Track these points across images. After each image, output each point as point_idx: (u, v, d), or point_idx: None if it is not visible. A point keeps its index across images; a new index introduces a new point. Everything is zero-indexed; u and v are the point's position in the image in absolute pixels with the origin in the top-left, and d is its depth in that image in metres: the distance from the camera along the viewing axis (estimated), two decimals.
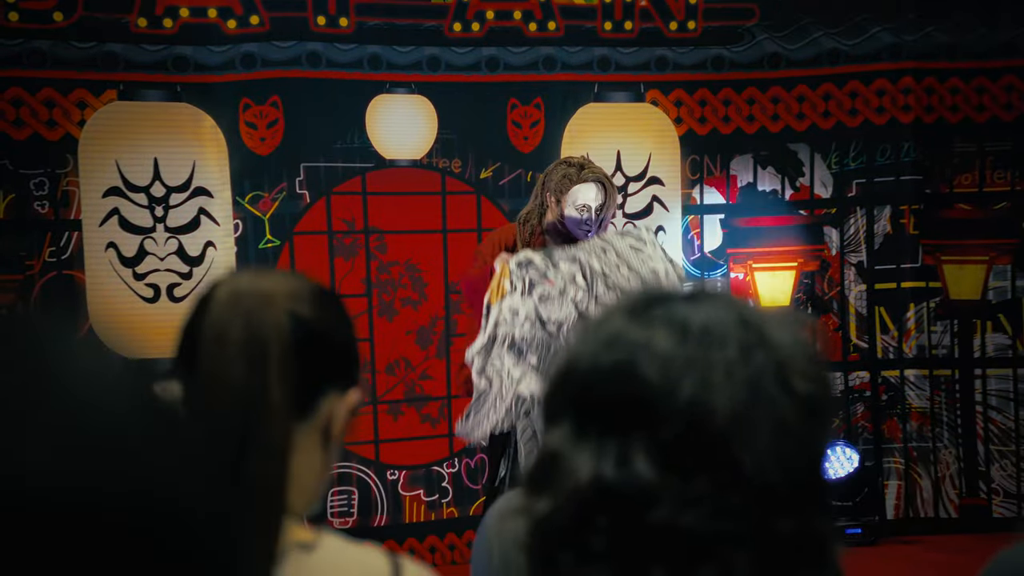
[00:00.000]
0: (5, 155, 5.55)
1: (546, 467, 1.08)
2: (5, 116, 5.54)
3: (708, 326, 1.07)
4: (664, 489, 1.02)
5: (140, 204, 5.70)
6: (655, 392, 1.04)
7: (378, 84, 5.97)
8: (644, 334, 1.07)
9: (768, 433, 1.04)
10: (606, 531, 1.03)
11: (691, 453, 1.03)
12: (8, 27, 5.52)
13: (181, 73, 5.71)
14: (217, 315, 1.54)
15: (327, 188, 5.92)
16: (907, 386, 6.56)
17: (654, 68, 6.31)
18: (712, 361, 1.05)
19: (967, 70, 6.57)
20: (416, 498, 5.97)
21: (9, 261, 5.55)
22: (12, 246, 5.56)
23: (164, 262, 5.69)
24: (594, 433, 1.05)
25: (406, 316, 5.97)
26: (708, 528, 1.02)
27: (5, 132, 5.54)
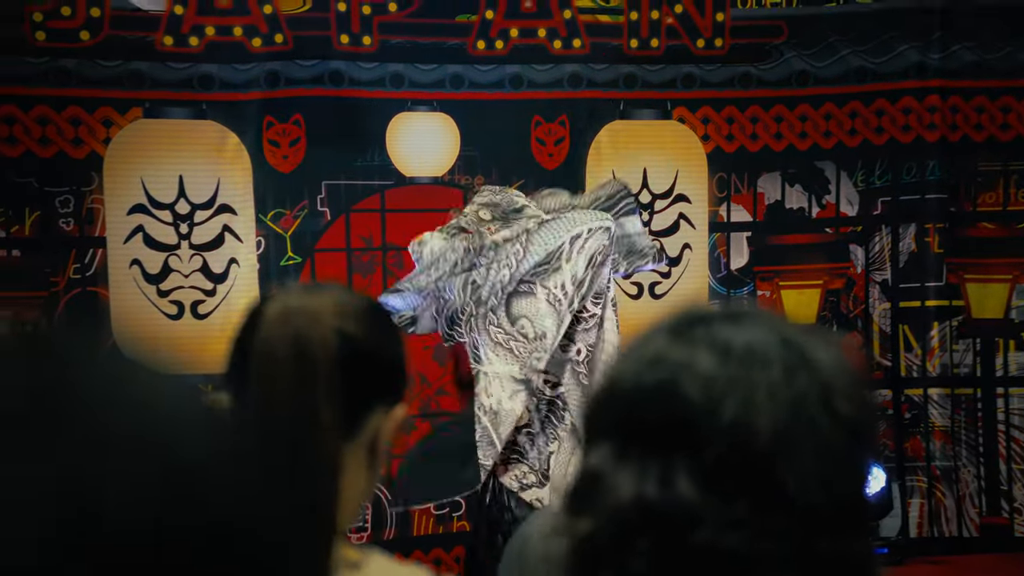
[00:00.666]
0: (31, 173, 5.51)
1: (587, 487, 1.06)
2: (31, 134, 5.49)
3: (751, 346, 1.06)
4: (706, 510, 1.00)
5: (165, 221, 5.65)
6: (698, 413, 1.02)
7: (400, 102, 5.90)
8: (686, 354, 1.06)
9: (811, 454, 1.02)
10: (647, 552, 1.02)
11: (734, 474, 1.01)
12: (35, 46, 5.47)
13: (206, 91, 5.65)
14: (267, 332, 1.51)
15: (347, 205, 5.85)
16: (930, 405, 6.45)
17: (681, 86, 6.20)
18: (755, 382, 1.04)
19: (992, 89, 6.46)
20: (425, 511, 5.90)
21: (34, 278, 5.51)
22: (37, 263, 5.52)
23: (188, 279, 5.62)
24: (636, 453, 1.04)
25: None
26: (750, 550, 1.00)
27: (31, 150, 5.50)
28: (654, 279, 6.17)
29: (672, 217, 6.23)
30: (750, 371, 1.04)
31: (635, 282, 6.12)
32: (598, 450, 1.07)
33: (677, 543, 1.01)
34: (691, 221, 6.25)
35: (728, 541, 1.00)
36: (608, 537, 1.04)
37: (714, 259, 6.30)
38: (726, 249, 6.30)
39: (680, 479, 1.02)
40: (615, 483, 1.04)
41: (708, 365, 1.05)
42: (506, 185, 5.97)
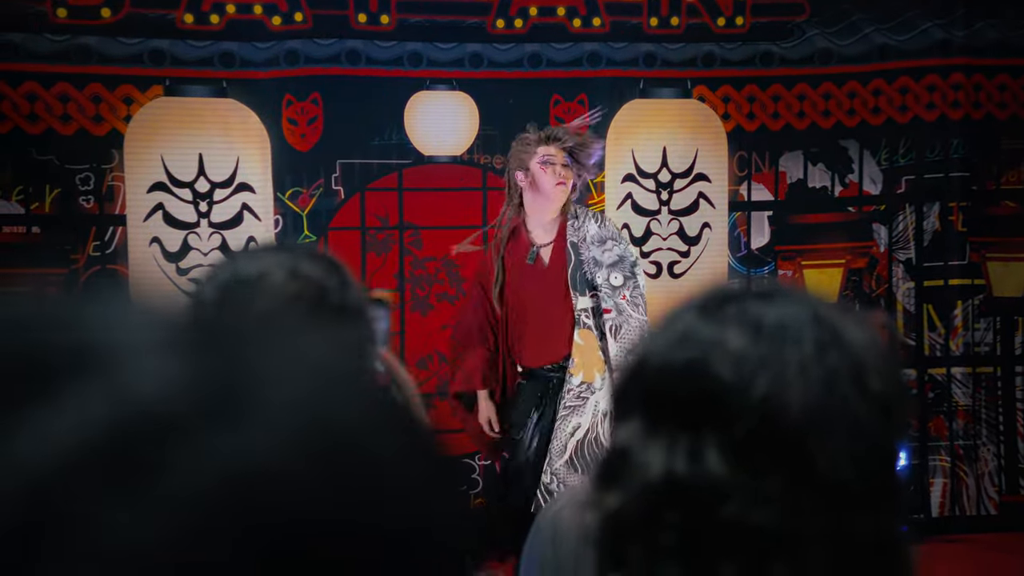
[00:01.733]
0: (52, 150, 5.39)
1: (616, 462, 1.04)
2: (52, 111, 5.38)
3: (782, 323, 1.04)
4: (736, 486, 0.99)
5: (184, 199, 5.53)
6: (728, 389, 1.01)
7: (418, 81, 5.74)
8: (717, 331, 1.04)
9: (842, 431, 1.00)
10: (677, 527, 1.00)
11: (764, 450, 1.00)
12: (56, 23, 5.36)
13: (227, 69, 5.52)
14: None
15: (362, 184, 5.69)
16: (954, 384, 6.26)
17: (701, 64, 6.00)
18: (786, 359, 1.01)
19: (1016, 67, 6.25)
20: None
21: (54, 255, 5.39)
22: (57, 240, 5.41)
23: (207, 257, 5.48)
24: (665, 429, 1.02)
25: (442, 311, 5.75)
26: (780, 525, 0.99)
27: (52, 127, 5.39)
28: (673, 258, 6.00)
29: (692, 196, 6.04)
30: (781, 348, 1.02)
31: (654, 261, 5.96)
32: (627, 426, 1.05)
33: (706, 518, 0.99)
34: (711, 200, 6.06)
35: (757, 517, 0.98)
36: (637, 512, 1.02)
37: (734, 238, 6.11)
38: (747, 228, 6.11)
39: (710, 455, 1.00)
40: (644, 458, 1.02)
41: (739, 342, 1.03)
42: None
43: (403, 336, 5.70)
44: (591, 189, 5.90)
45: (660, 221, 6.00)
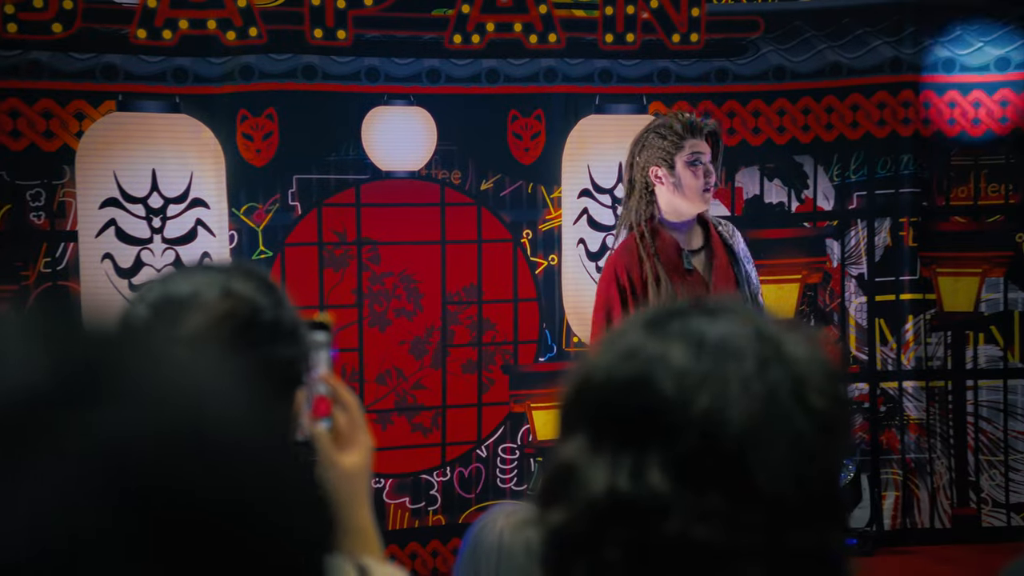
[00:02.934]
0: (2, 166, 5.14)
1: (561, 478, 1.02)
2: (2, 127, 5.14)
3: (725, 340, 1.02)
4: (678, 502, 0.97)
5: (137, 215, 5.30)
6: (670, 405, 1.00)
7: (375, 96, 5.54)
8: (660, 348, 1.02)
9: (783, 448, 0.99)
10: (620, 543, 0.99)
11: (705, 466, 0.98)
12: (6, 38, 5.11)
13: (180, 84, 5.29)
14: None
15: (319, 200, 5.48)
16: (905, 398, 6.15)
17: (657, 80, 5.85)
18: (728, 375, 1.00)
19: (964, 84, 6.15)
20: (401, 505, 5.57)
21: (4, 271, 5.16)
22: (8, 256, 5.16)
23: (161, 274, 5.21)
24: (609, 445, 1.00)
25: (400, 327, 5.56)
26: (722, 541, 0.97)
27: (2, 143, 5.14)
28: None
29: None
30: (723, 364, 1.01)
31: None
32: (572, 442, 1.03)
33: (649, 534, 0.98)
34: None
35: (699, 533, 0.97)
36: (581, 528, 1.00)
37: None
38: None
39: (652, 471, 0.98)
40: (588, 475, 1.00)
41: (682, 358, 1.01)
42: (483, 179, 5.64)
43: (361, 352, 5.50)
44: (548, 205, 5.72)
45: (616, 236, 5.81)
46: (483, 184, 5.65)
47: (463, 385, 5.59)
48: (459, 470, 5.63)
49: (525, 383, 5.63)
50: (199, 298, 1.42)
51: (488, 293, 5.62)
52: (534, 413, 5.64)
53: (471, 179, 5.64)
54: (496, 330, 5.64)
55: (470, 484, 5.65)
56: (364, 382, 5.49)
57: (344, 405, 1.61)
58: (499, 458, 5.66)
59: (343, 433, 1.59)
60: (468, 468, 5.64)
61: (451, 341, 5.59)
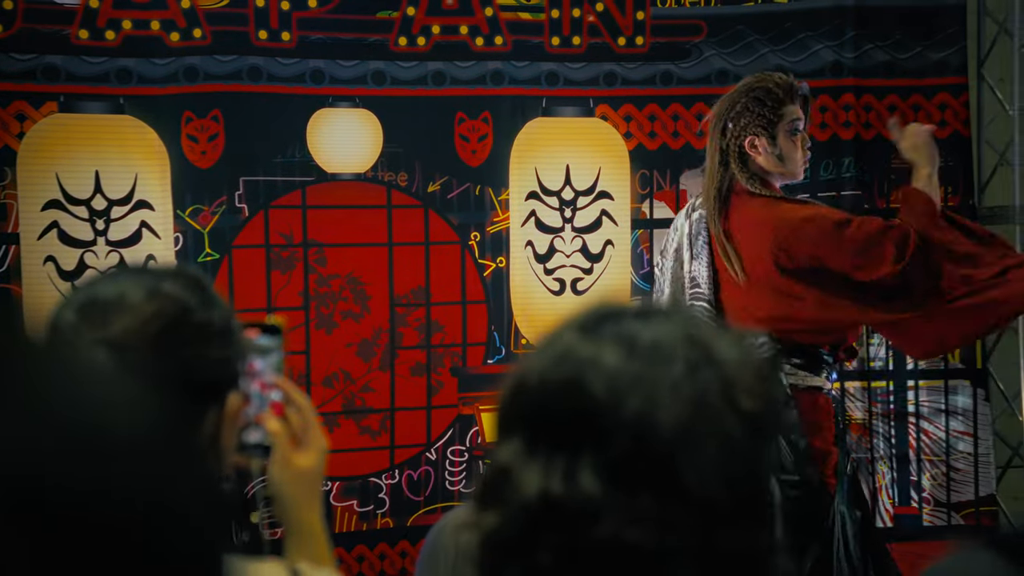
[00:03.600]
0: None
1: (496, 482, 1.02)
2: None
3: (656, 343, 1.02)
4: (609, 505, 0.96)
5: (80, 217, 5.15)
6: (602, 408, 0.99)
7: (321, 98, 5.43)
8: (593, 350, 1.01)
9: (712, 450, 0.98)
10: (553, 546, 0.98)
11: (636, 469, 0.97)
12: None
13: (123, 85, 5.17)
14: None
15: (266, 202, 5.37)
16: (848, 399, 6.08)
17: (603, 83, 5.79)
18: (658, 378, 1.00)
19: (904, 88, 6.15)
20: (348, 508, 5.45)
21: None
22: None
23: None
24: (543, 448, 1.00)
25: (347, 329, 5.45)
26: (652, 543, 0.96)
27: None
28: (576, 275, 5.76)
29: (595, 214, 5.82)
30: (654, 367, 1.00)
31: (557, 278, 5.72)
32: (508, 445, 1.03)
33: (581, 537, 0.97)
34: (613, 218, 5.84)
35: (630, 535, 0.96)
36: (514, 531, 1.00)
37: (637, 256, 5.90)
38: (649, 246, 5.89)
39: (584, 474, 0.97)
40: (522, 478, 0.99)
41: (614, 361, 1.00)
42: (430, 182, 5.55)
43: (308, 355, 5.39)
44: (496, 207, 5.64)
45: (564, 238, 5.76)
46: (430, 186, 5.56)
47: (411, 388, 5.49)
48: (408, 473, 5.52)
49: (474, 385, 5.53)
50: (125, 300, 1.39)
51: (436, 295, 5.53)
52: (483, 415, 5.55)
53: (418, 181, 5.55)
54: (444, 332, 5.55)
55: (419, 487, 5.55)
56: (311, 385, 5.38)
57: (297, 407, 1.62)
58: (448, 461, 5.57)
59: (297, 435, 1.60)
60: (417, 471, 5.54)
61: (399, 343, 5.49)
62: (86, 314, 1.38)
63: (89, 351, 1.25)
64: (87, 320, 1.37)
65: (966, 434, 6.19)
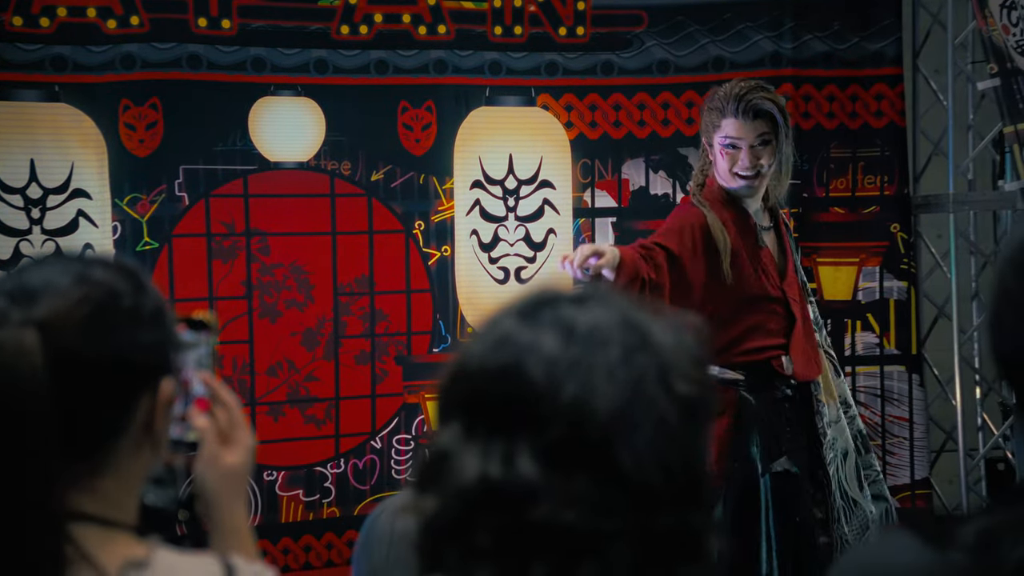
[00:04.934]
0: None
1: (435, 466, 1.01)
2: None
3: (593, 328, 1.01)
4: (546, 488, 0.96)
5: (15, 206, 4.91)
6: (539, 393, 0.98)
7: (262, 86, 5.22)
8: (532, 336, 1.01)
9: (648, 433, 0.97)
10: (491, 529, 0.97)
11: (573, 453, 0.97)
12: None
13: (59, 73, 4.93)
14: None
15: (206, 190, 5.15)
16: None
17: (544, 73, 5.63)
18: (595, 363, 0.99)
19: (842, 78, 6.04)
20: (294, 498, 5.26)
21: None
22: None
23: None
24: (482, 433, 0.99)
25: (291, 318, 5.24)
26: (588, 525, 0.96)
27: None
28: (520, 264, 5.59)
29: (537, 203, 5.67)
30: (591, 352, 0.99)
31: (502, 267, 5.56)
32: (448, 429, 1.02)
33: (519, 520, 0.96)
34: (555, 207, 5.69)
35: (566, 517, 0.95)
36: (453, 515, 0.99)
37: (579, 244, 5.71)
38: (591, 234, 5.75)
39: (522, 458, 0.97)
40: (461, 462, 0.99)
41: (551, 347, 1.00)
42: (373, 170, 5.36)
43: (252, 344, 5.18)
44: (440, 196, 5.46)
45: (507, 227, 5.59)
46: (373, 175, 5.37)
47: (356, 376, 5.30)
48: (353, 462, 5.33)
49: (419, 374, 5.36)
50: (52, 284, 1.36)
51: (380, 284, 5.35)
52: (428, 404, 5.37)
53: (361, 170, 5.36)
54: (389, 321, 5.36)
55: (365, 476, 5.36)
56: (255, 374, 5.17)
57: (224, 404, 1.58)
58: (394, 449, 5.39)
59: (223, 432, 1.57)
60: (362, 460, 5.36)
61: (343, 332, 5.30)
62: (14, 298, 1.33)
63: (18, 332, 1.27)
64: (15, 303, 1.32)
65: (901, 419, 6.11)
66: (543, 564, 0.97)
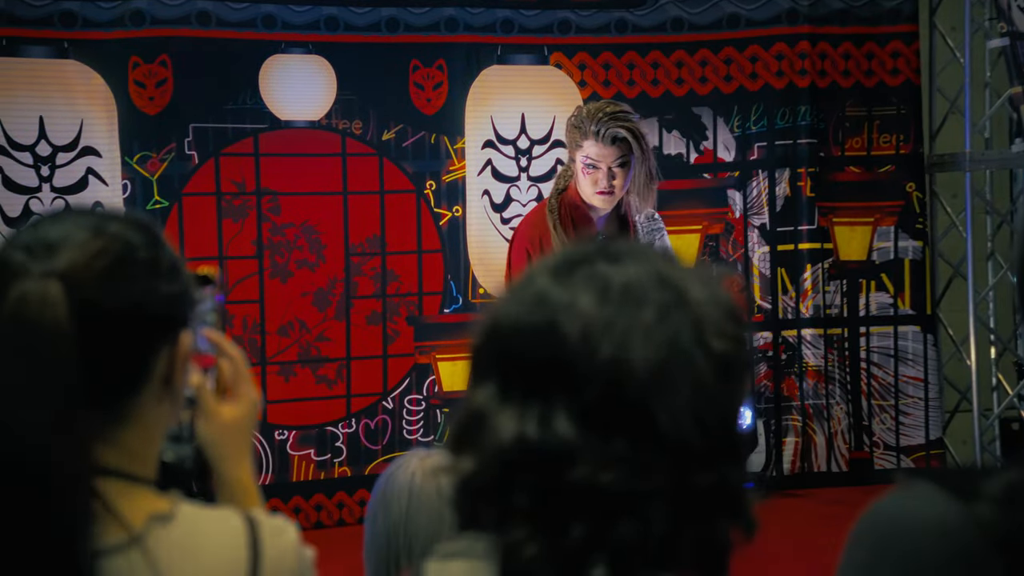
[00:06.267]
0: None
1: (471, 426, 1.00)
2: None
3: (628, 286, 0.99)
4: (584, 448, 0.95)
5: (25, 163, 4.82)
6: (576, 353, 0.96)
7: (273, 44, 5.11)
8: (567, 295, 0.98)
9: (685, 391, 0.97)
10: (528, 489, 0.96)
11: (610, 413, 0.96)
12: None
13: (68, 29, 4.84)
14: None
15: (216, 149, 5.04)
16: (804, 345, 5.90)
17: (557, 31, 5.49)
18: (631, 322, 0.97)
19: (858, 35, 5.88)
20: (306, 457, 5.19)
21: None
22: None
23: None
24: (518, 393, 0.98)
25: (302, 278, 5.15)
26: (626, 485, 0.95)
27: None
28: None
29: (550, 163, 5.54)
30: (627, 311, 0.97)
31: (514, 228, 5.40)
32: (482, 389, 1.00)
33: (556, 481, 0.95)
34: None
35: (604, 477, 0.95)
36: (490, 476, 0.98)
37: None
38: None
39: (559, 418, 0.96)
40: (497, 423, 0.97)
41: (587, 306, 0.97)
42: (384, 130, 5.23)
43: (262, 304, 5.09)
44: (452, 156, 5.33)
45: (520, 187, 5.46)
46: (385, 134, 5.26)
47: (368, 337, 5.21)
48: (364, 421, 5.25)
49: (430, 334, 5.26)
50: (71, 237, 1.33)
51: (392, 244, 5.24)
52: (440, 364, 5.28)
53: (372, 129, 5.24)
54: (400, 281, 5.26)
55: (376, 435, 5.28)
56: (266, 334, 5.09)
57: (229, 358, 1.56)
58: (405, 409, 5.30)
59: (228, 386, 1.54)
60: (374, 420, 5.28)
61: (355, 293, 5.20)
62: (32, 251, 1.31)
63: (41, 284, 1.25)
64: (34, 257, 1.30)
65: (916, 379, 5.99)
66: (581, 524, 0.95)
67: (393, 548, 1.81)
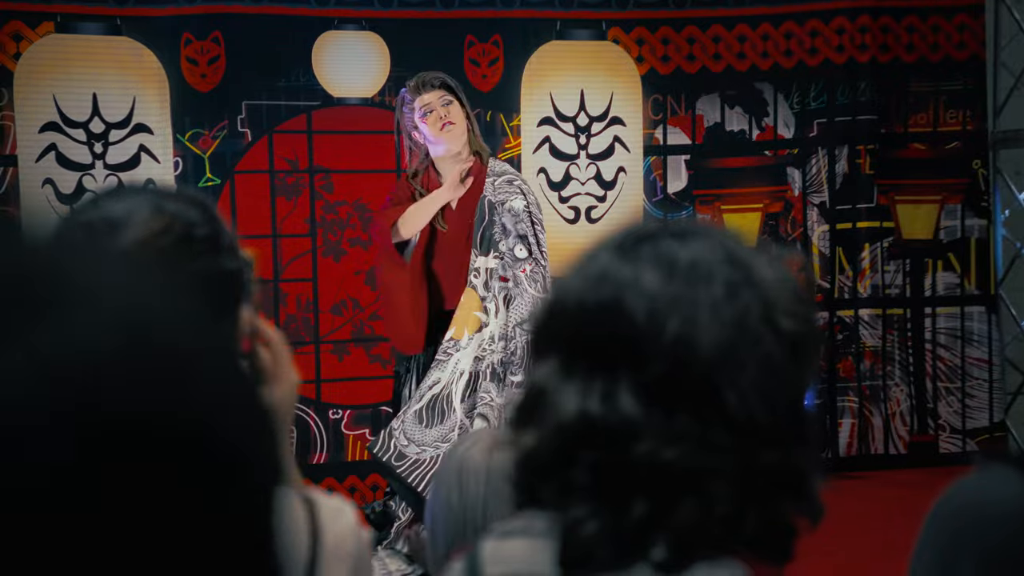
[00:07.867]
0: None
1: (533, 402, 0.98)
2: None
3: (695, 263, 0.96)
4: (648, 425, 0.93)
5: (78, 140, 4.75)
6: (641, 330, 0.94)
7: (326, 20, 4.99)
8: (632, 271, 0.96)
9: (752, 370, 0.94)
10: (590, 466, 0.95)
11: (675, 390, 0.94)
12: None
13: (120, 6, 4.75)
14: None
15: (269, 126, 4.95)
16: (861, 325, 5.69)
17: (616, 5, 5.31)
18: (698, 299, 0.95)
19: (923, 8, 5.66)
20: (360, 437, 5.10)
21: None
22: None
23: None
24: (581, 370, 0.96)
25: (355, 256, 5.05)
26: (690, 463, 0.93)
27: None
28: (591, 203, 5.29)
29: (607, 140, 5.37)
30: (694, 288, 0.95)
31: (572, 207, 5.30)
32: (544, 366, 0.98)
33: (619, 457, 0.93)
34: (626, 144, 5.38)
35: (668, 455, 0.92)
36: (552, 451, 0.96)
37: (649, 183, 5.44)
38: (662, 172, 5.43)
39: (623, 395, 0.94)
40: (560, 399, 0.96)
41: (652, 282, 0.95)
42: None
43: (315, 282, 4.99)
44: (507, 133, 5.15)
45: (579, 165, 5.29)
46: None
47: None
48: None
49: None
50: (132, 216, 1.32)
51: None
52: None
53: None
54: None
55: None
56: (319, 312, 4.99)
57: (267, 340, 1.50)
58: None
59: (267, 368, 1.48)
60: None
61: None
62: (93, 229, 1.30)
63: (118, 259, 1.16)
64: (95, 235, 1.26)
65: (981, 360, 5.75)
66: (643, 501, 0.93)
67: (471, 528, 1.74)
